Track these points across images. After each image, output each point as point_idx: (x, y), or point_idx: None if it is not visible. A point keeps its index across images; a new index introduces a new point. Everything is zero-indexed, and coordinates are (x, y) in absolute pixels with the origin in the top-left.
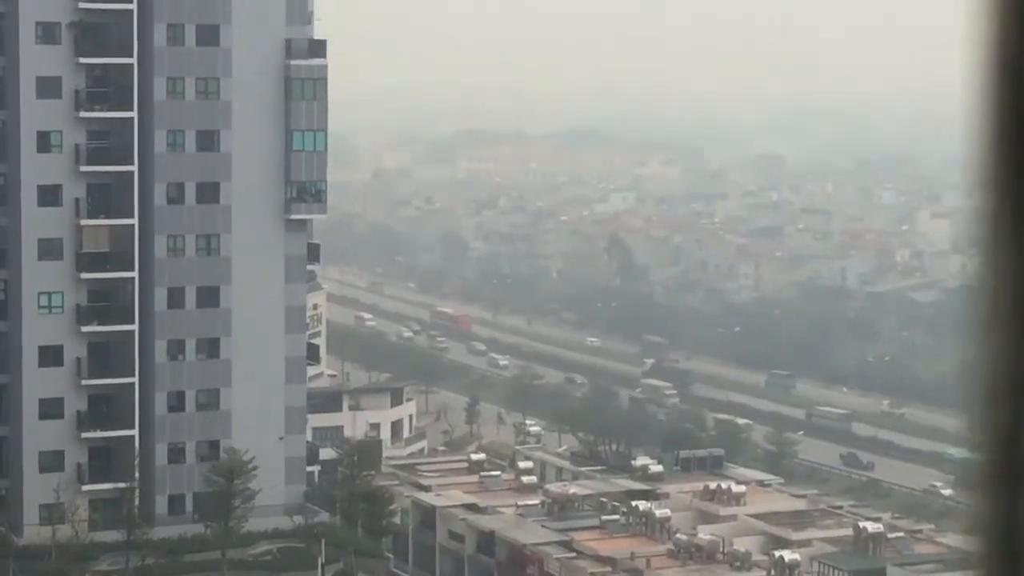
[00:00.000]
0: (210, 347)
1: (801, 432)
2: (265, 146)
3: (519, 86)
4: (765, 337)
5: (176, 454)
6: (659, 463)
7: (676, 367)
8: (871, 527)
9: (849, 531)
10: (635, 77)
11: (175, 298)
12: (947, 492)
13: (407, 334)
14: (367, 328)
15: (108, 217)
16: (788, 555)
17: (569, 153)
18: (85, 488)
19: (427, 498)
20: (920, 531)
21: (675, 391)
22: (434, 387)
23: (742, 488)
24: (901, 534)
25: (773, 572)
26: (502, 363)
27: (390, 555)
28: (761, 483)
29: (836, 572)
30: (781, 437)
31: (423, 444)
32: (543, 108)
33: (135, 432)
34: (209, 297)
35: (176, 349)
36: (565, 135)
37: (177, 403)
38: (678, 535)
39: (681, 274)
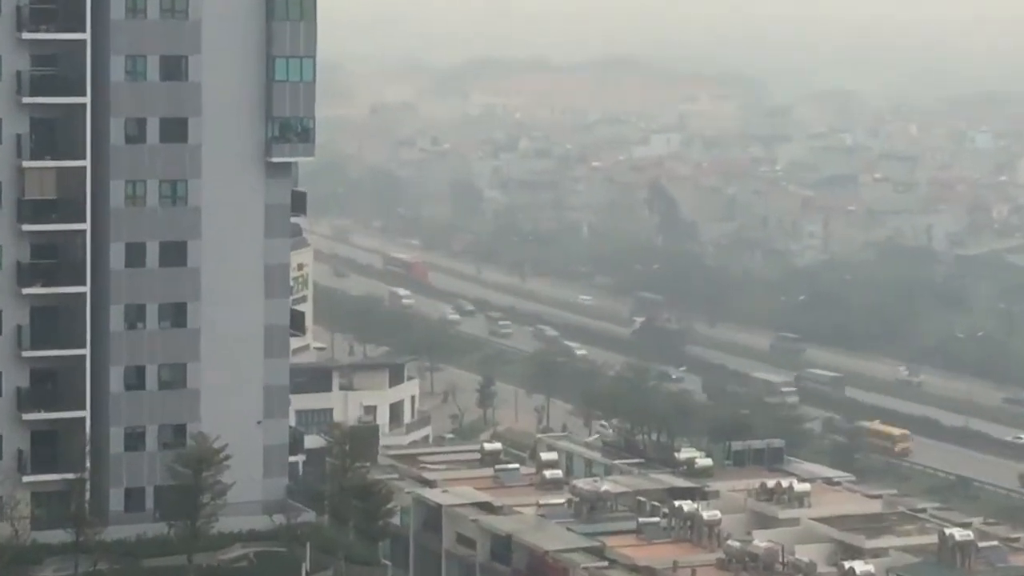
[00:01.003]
0: (175, 313)
1: (876, 421)
2: (242, 75)
3: (541, 6)
4: (835, 307)
5: (134, 440)
6: (707, 456)
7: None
8: (959, 534)
9: (933, 538)
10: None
11: (134, 255)
12: None
13: (407, 301)
14: (362, 293)
15: (55, 158)
16: (860, 566)
17: (602, 86)
18: (27, 479)
19: (432, 495)
20: (1017, 539)
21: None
22: (441, 364)
23: (806, 486)
24: (995, 543)
25: None
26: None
27: (387, 562)
28: (828, 481)
29: None
30: (852, 426)
31: (427, 431)
32: (571, 32)
33: (86, 414)
34: (175, 254)
35: (135, 315)
36: (597, 65)
37: (136, 380)
38: (729, 541)
39: (736, 231)
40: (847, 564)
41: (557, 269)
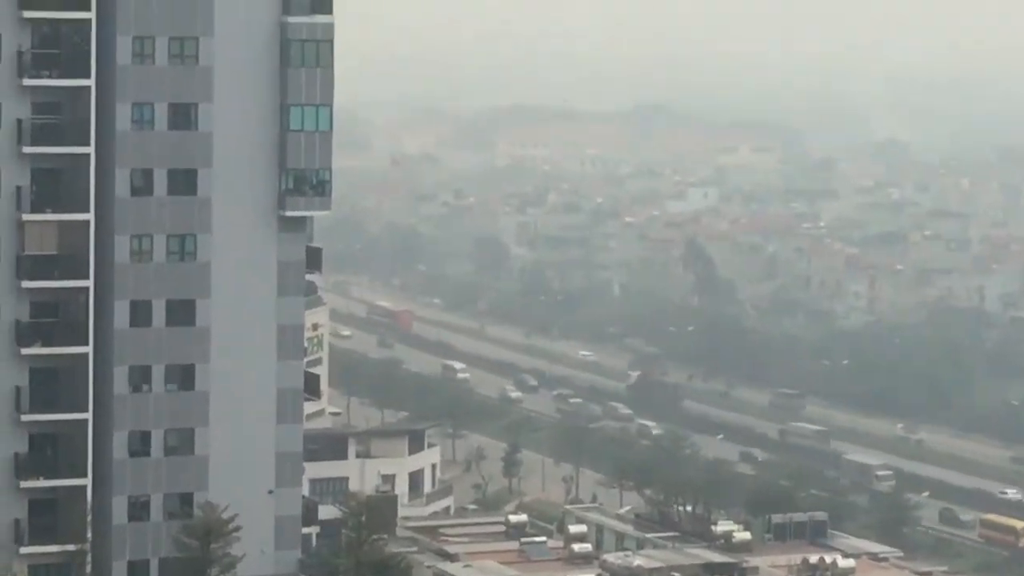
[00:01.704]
0: (183, 376)
1: (926, 493)
2: (255, 124)
3: (573, 51)
4: (881, 372)
5: (139, 510)
6: (746, 529)
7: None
8: None
9: None
10: (718, 41)
11: (140, 313)
12: None
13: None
14: (384, 357)
15: (57, 211)
16: None
17: (635, 136)
18: (24, 551)
19: (454, 570)
20: None
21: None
22: (464, 430)
23: (851, 562)
24: None
25: None
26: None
27: None
28: (875, 556)
29: None
30: (901, 499)
31: (449, 501)
32: (603, 79)
33: (87, 481)
34: (182, 313)
35: (140, 378)
36: (628, 114)
37: (141, 446)
38: None
39: (776, 292)
40: None
41: (587, 331)
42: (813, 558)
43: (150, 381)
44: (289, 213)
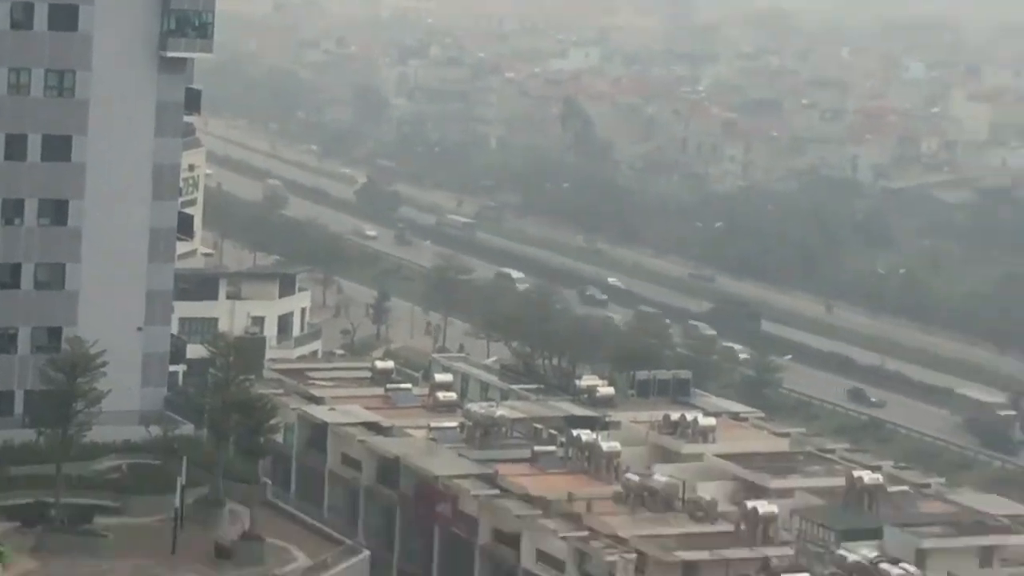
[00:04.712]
0: (56, 210)
1: (789, 356)
2: None
3: None
4: (753, 237)
5: (5, 342)
6: (610, 384)
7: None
8: (868, 477)
9: (841, 481)
10: None
11: (14, 147)
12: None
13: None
14: (254, 196)
15: None
16: (763, 507)
17: None
18: None
19: (318, 412)
20: (927, 485)
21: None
22: (335, 276)
23: (711, 421)
24: (905, 488)
25: (743, 526)
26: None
27: (268, 480)
28: (735, 416)
29: (821, 530)
30: (764, 361)
31: (317, 346)
32: None
33: None
34: (59, 148)
35: (12, 211)
36: None
37: (10, 278)
38: (628, 475)
39: (653, 153)
40: (750, 504)
41: (463, 183)
42: (674, 415)
43: (22, 214)
44: (170, 54)
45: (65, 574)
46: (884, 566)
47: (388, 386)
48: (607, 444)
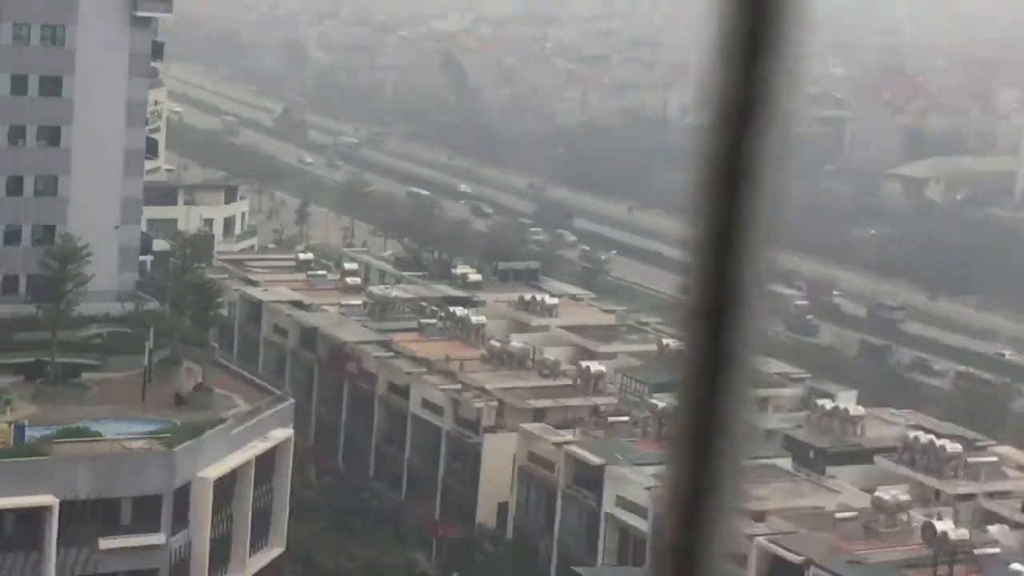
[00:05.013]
0: (51, 135)
1: (614, 252)
2: None
3: None
4: (589, 160)
5: (12, 236)
6: (478, 272)
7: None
8: (673, 344)
9: (653, 347)
10: None
11: (18, 85)
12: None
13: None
14: (207, 126)
15: None
16: (594, 366)
17: None
18: None
19: (254, 293)
20: None
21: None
22: (268, 187)
23: (555, 301)
24: None
25: (579, 380)
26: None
27: (215, 345)
28: (574, 297)
29: (637, 384)
30: (596, 255)
31: (254, 241)
32: None
33: None
34: (52, 86)
35: (17, 134)
36: None
37: (15, 187)
38: (492, 341)
39: (512, 95)
40: (584, 363)
41: (366, 116)
42: (527, 296)
43: (24, 137)
44: (140, 13)
45: (58, 416)
46: None
47: (308, 272)
48: (475, 318)
